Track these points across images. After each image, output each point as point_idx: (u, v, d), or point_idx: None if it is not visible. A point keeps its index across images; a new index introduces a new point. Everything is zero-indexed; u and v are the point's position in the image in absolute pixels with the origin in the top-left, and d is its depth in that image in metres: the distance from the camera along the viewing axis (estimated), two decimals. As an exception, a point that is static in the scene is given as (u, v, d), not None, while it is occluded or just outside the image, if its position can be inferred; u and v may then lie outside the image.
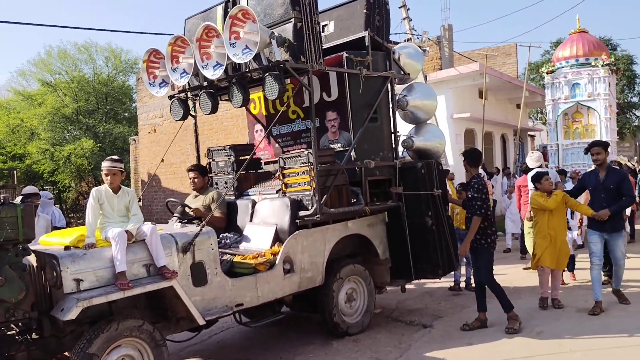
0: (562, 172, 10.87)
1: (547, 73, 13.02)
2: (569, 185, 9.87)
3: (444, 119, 14.30)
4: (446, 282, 7.65)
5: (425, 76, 14.72)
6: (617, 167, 6.74)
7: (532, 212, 6.85)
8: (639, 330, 5.52)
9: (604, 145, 6.44)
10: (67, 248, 4.28)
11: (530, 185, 8.30)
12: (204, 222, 4.90)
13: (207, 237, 4.82)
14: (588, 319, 6.01)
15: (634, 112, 39.47)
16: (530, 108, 21.86)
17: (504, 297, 5.84)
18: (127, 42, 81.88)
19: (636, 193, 12.56)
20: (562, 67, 12.58)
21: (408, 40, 16.53)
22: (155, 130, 18.87)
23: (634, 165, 13.46)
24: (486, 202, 5.92)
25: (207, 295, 4.76)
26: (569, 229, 7.40)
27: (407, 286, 6.91)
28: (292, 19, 5.35)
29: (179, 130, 8.25)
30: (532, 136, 22.65)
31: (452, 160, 13.74)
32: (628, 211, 10.59)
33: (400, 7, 17.49)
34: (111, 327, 4.13)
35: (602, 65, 11.92)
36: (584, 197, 7.62)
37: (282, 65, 5.21)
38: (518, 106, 20.26)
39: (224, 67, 5.43)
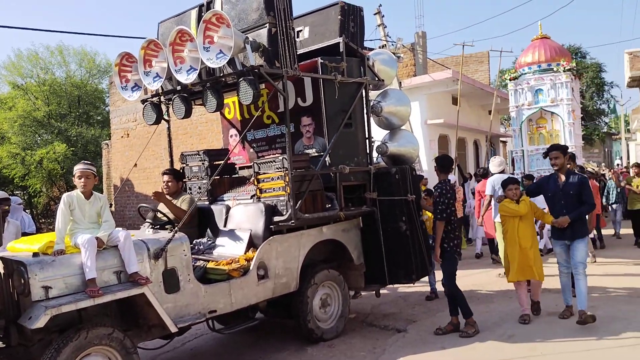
0: (529, 177, 10.98)
1: (510, 79, 13.00)
2: None
3: (418, 125, 14.44)
4: (420, 286, 7.68)
5: (400, 82, 14.85)
6: (578, 172, 6.38)
7: (501, 220, 6.61)
8: (608, 333, 5.63)
9: (563, 149, 6.25)
10: (35, 255, 4.18)
11: (489, 191, 8.42)
12: (176, 228, 4.85)
13: (179, 243, 4.77)
14: (559, 322, 6.08)
15: (602, 119, 40.37)
16: (502, 114, 22.17)
17: (464, 303, 5.93)
18: (102, 45, 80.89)
19: (603, 199, 12.83)
20: (525, 74, 12.61)
21: (383, 46, 16.65)
22: (128, 134, 18.63)
23: (594, 171, 13.40)
24: (449, 207, 5.96)
25: (179, 302, 4.70)
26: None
27: (381, 291, 6.93)
28: (267, 24, 5.35)
29: (153, 135, 8.16)
30: (504, 142, 22.97)
31: (427, 165, 13.85)
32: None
33: (375, 14, 17.59)
34: (80, 335, 4.05)
35: (564, 71, 11.96)
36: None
37: (256, 70, 5.20)
38: (490, 112, 20.59)
39: (197, 71, 5.39)
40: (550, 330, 5.86)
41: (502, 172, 8.49)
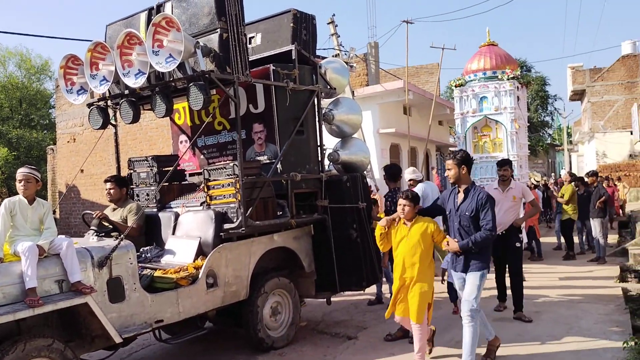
0: None
1: (455, 86, 12.76)
2: None
3: (370, 133, 14.62)
4: (371, 293, 7.73)
5: (353, 91, 15.04)
6: (481, 188, 5.02)
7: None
8: (551, 337, 5.84)
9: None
10: (-30, 263, 3.99)
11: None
12: (122, 236, 4.71)
13: (125, 251, 4.64)
14: (503, 327, 6.21)
15: (546, 131, 41.90)
16: (452, 125, 22.72)
17: None
18: (41, 46, 78.29)
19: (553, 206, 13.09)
20: (471, 81, 12.41)
21: (336, 55, 16.79)
22: (74, 139, 18.08)
23: (537, 181, 13.50)
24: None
25: (124, 312, 4.57)
26: None
27: (332, 298, 6.94)
28: (218, 30, 5.29)
29: (100, 140, 7.95)
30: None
31: (378, 174, 14.01)
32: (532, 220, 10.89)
33: (328, 23, 17.73)
34: (17, 347, 3.87)
35: (508, 79, 11.85)
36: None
37: (207, 75, 5.13)
38: (440, 123, 21.05)
39: (146, 75, 5.27)
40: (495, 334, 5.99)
41: (421, 180, 7.94)
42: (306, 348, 5.93)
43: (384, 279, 7.53)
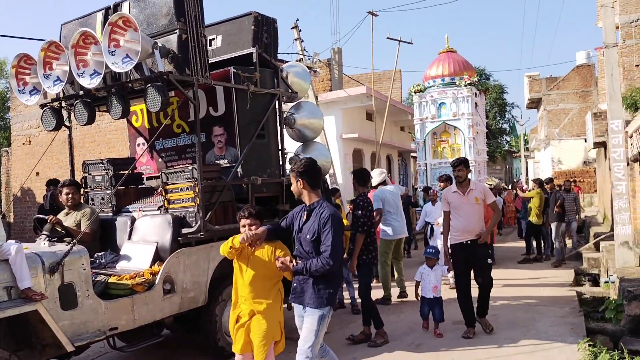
0: (427, 190, 11.06)
1: (415, 92, 12.84)
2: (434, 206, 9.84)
3: (334, 138, 14.67)
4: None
5: (316, 96, 15.10)
6: (327, 205, 4.04)
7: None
8: (508, 341, 5.93)
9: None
10: None
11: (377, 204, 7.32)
12: (74, 241, 4.56)
13: (78, 257, 4.48)
14: (463, 330, 6.22)
15: (504, 138, 42.91)
16: (412, 131, 23.03)
17: (376, 314, 6.03)
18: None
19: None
20: (430, 87, 12.46)
21: (299, 60, 16.83)
22: (30, 141, 17.54)
23: (492, 185, 13.43)
24: (370, 220, 6.08)
25: (77, 319, 4.41)
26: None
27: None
28: (177, 30, 5.20)
29: (56, 142, 7.71)
30: (415, 157, 23.83)
31: (342, 179, 14.04)
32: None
33: (292, 28, 17.77)
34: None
35: (465, 85, 11.94)
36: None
37: (165, 76, 5.03)
38: (402, 129, 21.30)
39: (101, 75, 5.14)
40: (455, 339, 6.05)
41: (384, 183, 7.89)
42: (266, 354, 5.84)
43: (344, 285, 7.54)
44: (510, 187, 22.19)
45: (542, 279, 9.63)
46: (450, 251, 6.21)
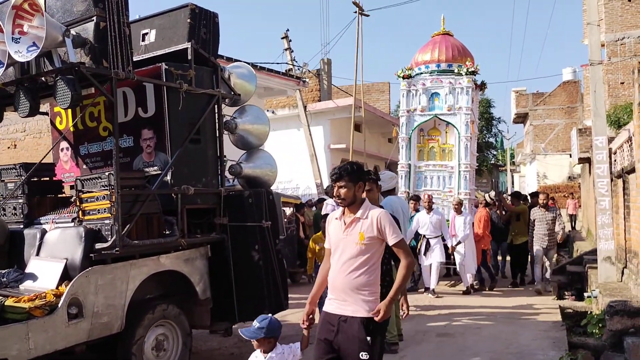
0: (416, 199, 9.95)
1: (403, 77, 10.47)
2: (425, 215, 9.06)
3: (322, 149, 14.76)
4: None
5: (305, 106, 14.90)
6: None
7: None
8: (491, 353, 5.84)
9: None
10: None
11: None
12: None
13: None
14: (447, 342, 6.21)
15: (491, 151, 43.41)
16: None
17: None
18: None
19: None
20: (421, 73, 10.30)
21: (289, 70, 16.53)
22: (15, 145, 16.86)
23: (491, 199, 11.90)
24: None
25: (-49, 350, 3.70)
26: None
27: (235, 326, 6.19)
28: (95, 17, 4.56)
29: (40, 146, 6.96)
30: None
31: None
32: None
33: (282, 38, 17.65)
34: None
35: (466, 73, 9.90)
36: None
37: (77, 68, 4.39)
38: (390, 140, 21.19)
39: (4, 66, 4.48)
40: (439, 349, 6.01)
41: (393, 190, 6.93)
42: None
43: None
44: (496, 198, 21.32)
45: (525, 292, 9.48)
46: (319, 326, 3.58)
